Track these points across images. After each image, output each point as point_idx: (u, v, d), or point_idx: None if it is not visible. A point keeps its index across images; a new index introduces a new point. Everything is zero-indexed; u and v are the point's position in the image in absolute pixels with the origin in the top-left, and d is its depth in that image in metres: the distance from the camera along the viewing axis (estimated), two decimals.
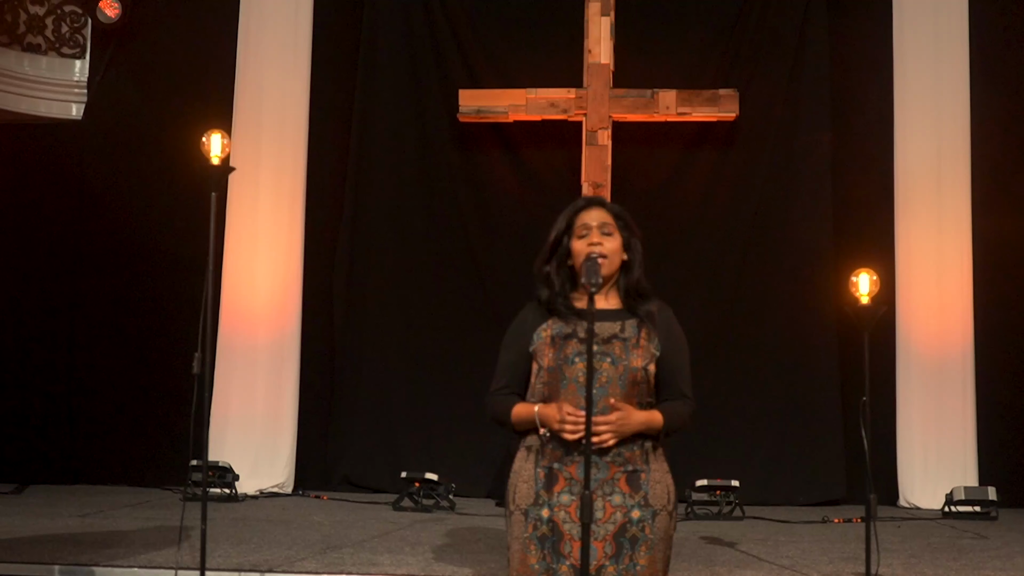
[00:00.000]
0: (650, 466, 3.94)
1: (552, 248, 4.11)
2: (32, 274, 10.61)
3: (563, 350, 3.94)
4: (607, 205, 4.10)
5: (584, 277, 3.83)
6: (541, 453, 3.96)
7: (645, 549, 3.87)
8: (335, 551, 6.11)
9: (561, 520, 3.87)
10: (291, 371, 9.72)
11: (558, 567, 3.85)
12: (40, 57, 10.88)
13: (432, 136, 10.34)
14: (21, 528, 6.90)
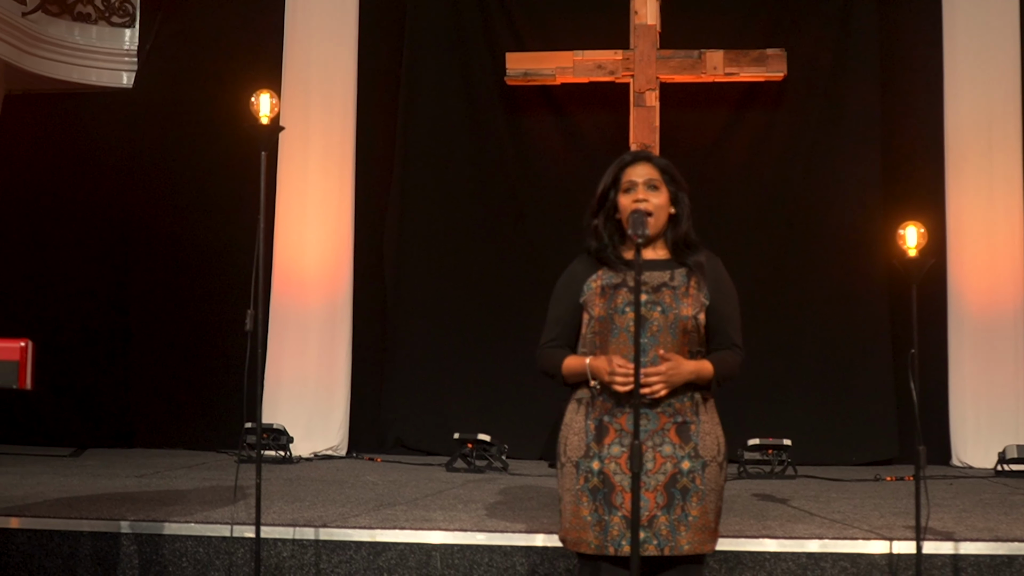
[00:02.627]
0: (700, 417, 3.96)
1: (599, 201, 4.13)
2: (84, 240, 10.75)
3: (613, 299, 3.97)
4: (653, 159, 4.11)
5: (630, 229, 3.86)
6: (592, 405, 3.99)
7: (696, 499, 3.89)
8: (388, 508, 6.17)
9: (612, 471, 3.90)
10: (343, 334, 9.78)
11: (610, 518, 3.88)
12: (90, 26, 10.98)
13: (479, 99, 10.35)
14: (80, 488, 7.01)
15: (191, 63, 10.72)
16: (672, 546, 3.87)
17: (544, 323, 4.22)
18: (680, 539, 3.87)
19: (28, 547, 5.53)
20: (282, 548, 5.34)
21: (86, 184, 10.79)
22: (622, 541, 3.86)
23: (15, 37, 10.16)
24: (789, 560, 5.33)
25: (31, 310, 10.45)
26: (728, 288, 4.08)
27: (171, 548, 5.42)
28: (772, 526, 5.77)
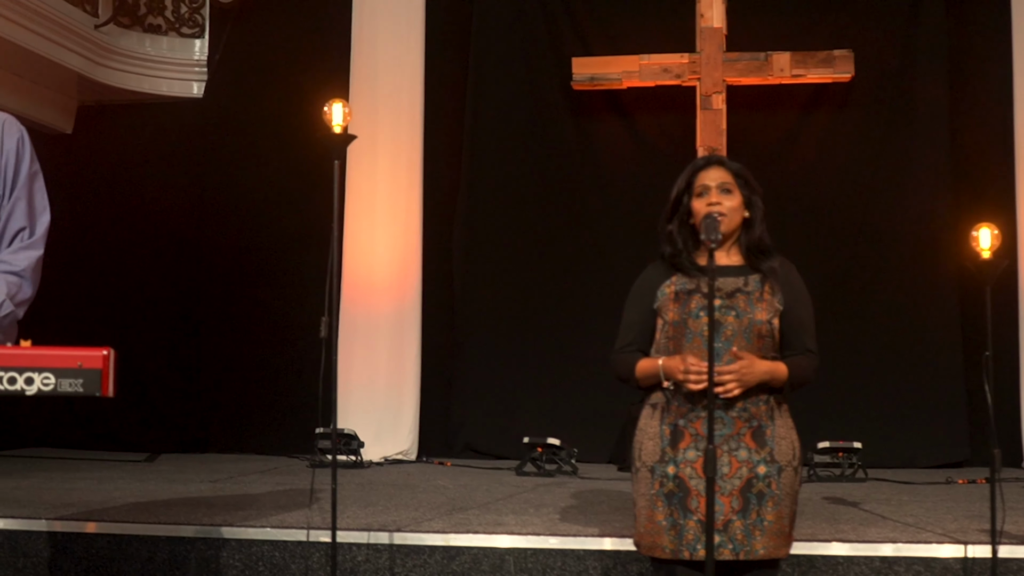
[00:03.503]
0: (775, 422, 3.96)
1: (673, 207, 4.14)
2: (157, 249, 10.89)
3: (687, 305, 3.98)
4: (727, 163, 4.12)
5: (704, 234, 3.87)
6: (666, 410, 4.00)
7: (772, 504, 3.90)
8: (461, 512, 6.21)
9: (687, 476, 3.91)
10: (412, 339, 9.82)
11: (685, 522, 3.89)
12: (161, 37, 11.13)
13: (545, 104, 10.36)
14: (156, 493, 7.12)
15: (260, 72, 10.83)
16: (747, 551, 3.87)
17: (617, 328, 4.23)
18: (755, 543, 3.88)
19: (108, 551, 5.61)
20: (357, 552, 5.39)
21: (158, 193, 10.93)
22: (697, 545, 3.87)
23: (88, 49, 10.31)
24: (862, 564, 5.31)
25: (106, 318, 10.60)
26: (802, 293, 4.09)
27: (247, 552, 5.48)
28: (845, 530, 5.76)
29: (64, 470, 8.64)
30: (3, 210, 3.89)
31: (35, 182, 3.99)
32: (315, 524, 5.55)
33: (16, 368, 3.21)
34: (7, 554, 5.67)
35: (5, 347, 3.30)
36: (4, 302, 3.77)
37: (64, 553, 5.66)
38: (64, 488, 7.29)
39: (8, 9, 9.06)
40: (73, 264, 10.17)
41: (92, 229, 10.60)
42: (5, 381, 3.20)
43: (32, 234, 3.93)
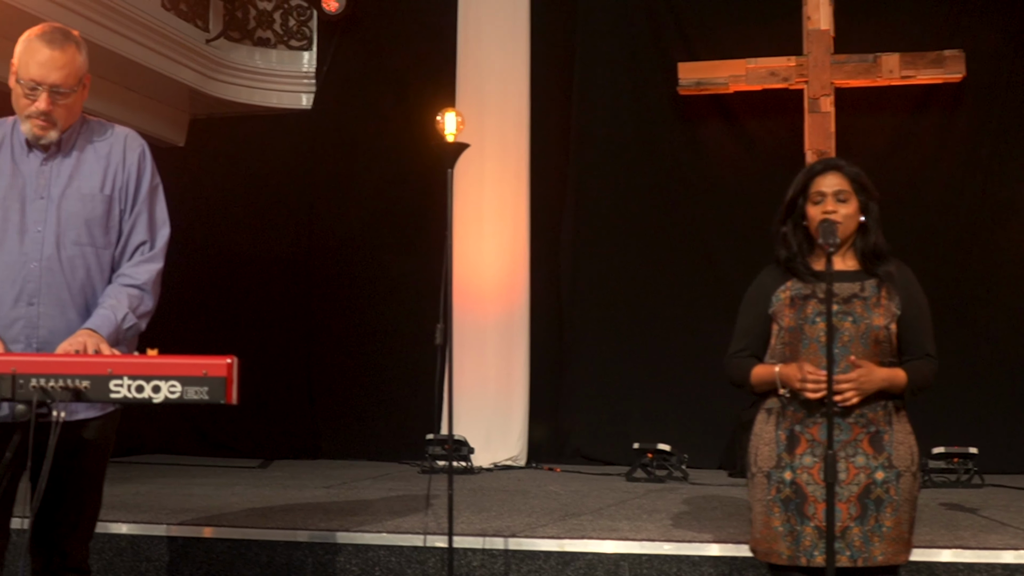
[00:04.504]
0: (893, 427, 3.93)
1: (787, 209, 4.12)
2: (268, 258, 11.05)
3: (803, 310, 3.96)
4: (844, 168, 4.08)
5: (821, 238, 3.85)
6: (782, 415, 3.99)
7: (891, 511, 3.87)
8: (574, 518, 6.22)
9: (804, 482, 3.89)
10: (521, 345, 9.84)
11: (802, 529, 3.87)
12: (270, 50, 11.31)
13: (651, 109, 10.33)
14: (271, 498, 7.21)
15: (367, 83, 10.94)
16: (865, 557, 3.85)
17: (727, 332, 4.22)
18: (874, 550, 3.85)
19: (227, 555, 5.71)
20: (472, 558, 5.42)
21: (268, 204, 11.11)
22: (814, 552, 3.85)
23: (199, 64, 10.50)
24: (983, 572, 5.22)
25: (219, 327, 10.78)
26: (920, 297, 4.04)
27: (363, 557, 5.54)
28: (964, 536, 5.67)
29: (181, 476, 8.79)
30: (125, 223, 3.98)
31: (156, 196, 4.08)
32: (431, 529, 5.59)
33: (144, 377, 3.29)
34: (130, 558, 5.79)
35: (133, 356, 3.38)
36: (127, 315, 3.86)
37: (185, 557, 5.76)
38: (182, 494, 7.42)
39: (124, 27, 9.27)
40: (186, 275, 10.34)
41: (205, 240, 10.78)
42: (133, 389, 3.29)
43: (152, 247, 4.02)
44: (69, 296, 3.86)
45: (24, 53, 3.83)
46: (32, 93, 3.82)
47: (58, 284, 3.85)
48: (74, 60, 3.84)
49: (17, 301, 3.82)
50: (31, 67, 3.80)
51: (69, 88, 3.84)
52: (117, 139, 4.04)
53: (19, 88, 3.85)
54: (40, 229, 3.85)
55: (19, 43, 3.87)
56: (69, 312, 3.86)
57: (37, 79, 3.79)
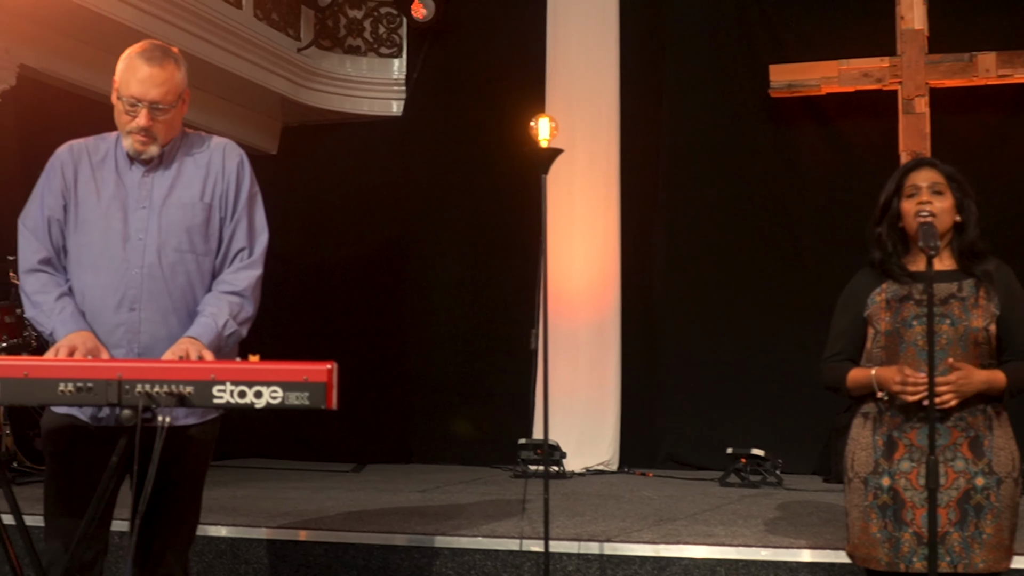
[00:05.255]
0: (993, 432, 3.88)
1: (882, 210, 4.09)
2: (360, 264, 11.15)
3: (900, 313, 3.92)
4: (939, 166, 4.06)
5: (922, 241, 3.81)
6: (879, 420, 3.95)
7: (991, 517, 3.82)
8: (669, 523, 6.20)
9: (902, 487, 3.86)
10: (612, 350, 9.82)
11: (900, 535, 3.84)
12: (360, 58, 11.41)
13: (742, 112, 10.26)
14: (367, 502, 7.26)
15: (456, 89, 11.00)
16: (966, 563, 3.81)
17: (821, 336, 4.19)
18: (974, 557, 3.81)
19: (324, 559, 5.76)
20: (567, 562, 5.43)
21: (360, 210, 11.20)
22: (913, 558, 3.82)
23: (291, 72, 10.63)
24: None
25: (313, 332, 10.92)
26: (1020, 297, 3.98)
27: (459, 561, 5.57)
28: None
29: (277, 480, 8.89)
30: (225, 231, 4.05)
31: (254, 204, 4.14)
32: (526, 534, 5.61)
33: (246, 382, 3.34)
34: (229, 561, 5.87)
35: (235, 362, 3.43)
36: (228, 321, 3.92)
37: (282, 560, 5.83)
38: (279, 497, 7.50)
39: (218, 37, 9.41)
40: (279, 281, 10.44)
41: (298, 247, 10.88)
42: (236, 395, 3.33)
43: (252, 254, 4.08)
44: (170, 302, 3.93)
45: (125, 71, 3.91)
46: (132, 110, 3.89)
47: (159, 290, 3.91)
48: (173, 77, 3.92)
49: (119, 307, 3.89)
50: (131, 84, 3.87)
51: (168, 104, 3.91)
52: (216, 150, 4.11)
53: (120, 104, 3.93)
54: (142, 237, 3.93)
55: (120, 61, 3.94)
56: (170, 318, 3.92)
57: (137, 96, 3.87)
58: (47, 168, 4.06)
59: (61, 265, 4.01)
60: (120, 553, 5.50)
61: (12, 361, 3.45)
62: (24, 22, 8.23)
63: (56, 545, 3.89)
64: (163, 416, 3.33)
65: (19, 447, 8.80)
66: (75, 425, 3.89)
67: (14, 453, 8.72)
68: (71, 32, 8.58)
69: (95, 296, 3.91)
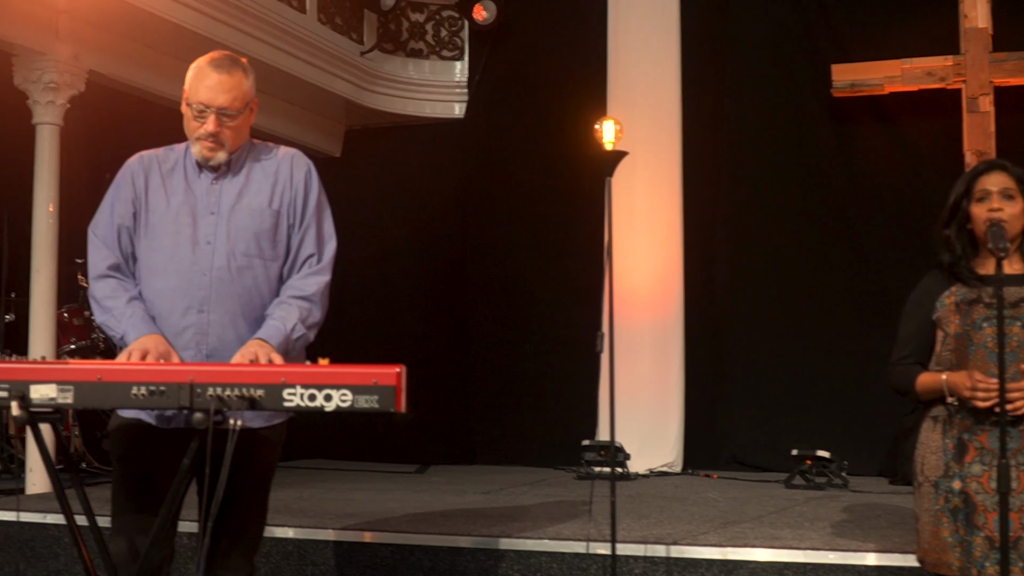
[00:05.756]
0: None
1: (951, 211, 4.06)
2: (424, 266, 11.20)
3: (969, 315, 3.89)
4: (1009, 168, 4.02)
5: (991, 243, 3.78)
6: (949, 423, 3.92)
7: None
8: (735, 526, 6.18)
9: (973, 491, 3.83)
10: (675, 352, 9.78)
11: (972, 539, 3.81)
12: (423, 61, 11.46)
13: (804, 112, 10.19)
14: (431, 504, 7.30)
15: (518, 91, 11.01)
16: None
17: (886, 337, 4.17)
18: None
19: (391, 560, 5.79)
20: (634, 565, 5.42)
21: (423, 212, 11.24)
22: (985, 563, 3.79)
23: (354, 75, 10.69)
24: None
25: (377, 335, 10.97)
26: None
27: (525, 564, 5.57)
28: None
29: (342, 481, 8.94)
30: (294, 238, 4.09)
31: (322, 211, 4.19)
32: (592, 536, 5.61)
33: (316, 386, 3.36)
34: (296, 562, 5.92)
35: (305, 365, 3.46)
36: (296, 325, 3.95)
37: (349, 562, 5.86)
38: (345, 499, 7.54)
39: (282, 41, 9.49)
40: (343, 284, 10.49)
41: (361, 249, 10.92)
42: (306, 398, 3.36)
43: (320, 260, 4.12)
44: (238, 305, 3.97)
45: (194, 78, 3.98)
46: (201, 116, 3.95)
47: (228, 293, 3.96)
48: (241, 84, 3.97)
49: (188, 309, 3.94)
50: (200, 91, 3.94)
51: (236, 111, 3.96)
52: (284, 158, 4.16)
53: (189, 111, 3.99)
54: (211, 242, 3.97)
55: (190, 69, 4.01)
56: (238, 321, 3.97)
57: (205, 102, 3.92)
58: (118, 178, 4.13)
59: (130, 271, 4.06)
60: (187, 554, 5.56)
61: (86, 365, 3.49)
62: (92, 29, 8.33)
63: (123, 546, 3.93)
64: (234, 419, 3.37)
65: (87, 448, 8.92)
66: (142, 427, 3.94)
67: (82, 454, 8.84)
68: (138, 38, 8.67)
69: (164, 300, 3.96)
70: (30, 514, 6.41)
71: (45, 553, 6.33)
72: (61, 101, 8.09)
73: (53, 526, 6.32)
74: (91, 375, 3.42)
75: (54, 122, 8.07)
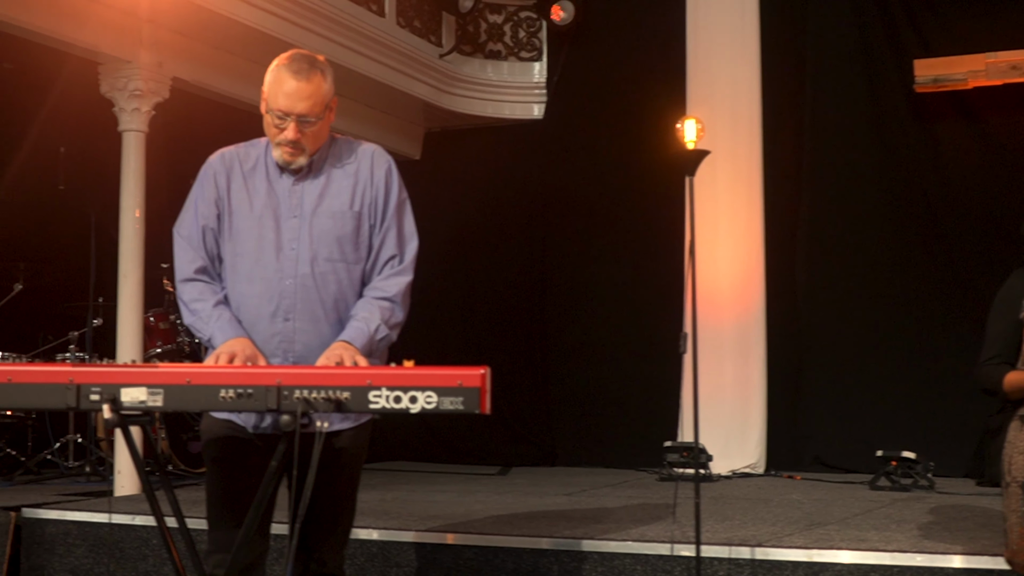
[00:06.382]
0: None
1: None
2: (503, 267, 11.25)
3: None
4: None
5: None
6: None
7: None
8: (820, 527, 6.12)
9: None
10: (757, 352, 9.73)
11: None
12: (501, 63, 11.50)
13: (886, 108, 10.07)
14: (514, 505, 7.30)
15: (597, 91, 11.01)
16: None
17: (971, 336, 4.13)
18: None
19: (474, 562, 5.80)
20: (718, 567, 5.39)
21: (502, 214, 11.29)
22: None
23: (433, 78, 10.74)
24: None
25: (457, 336, 11.03)
26: None
27: (609, 566, 5.56)
28: None
29: (423, 483, 8.98)
30: (375, 239, 4.09)
31: (403, 210, 4.18)
32: (676, 538, 5.58)
33: (401, 388, 3.38)
34: (380, 563, 5.95)
35: (390, 367, 3.48)
36: (379, 326, 3.97)
37: (432, 563, 5.88)
38: (427, 500, 7.58)
39: (362, 45, 9.56)
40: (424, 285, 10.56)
41: (441, 251, 10.97)
42: (391, 400, 3.38)
43: (402, 261, 4.12)
44: (323, 311, 3.99)
45: (272, 83, 3.97)
46: (281, 123, 3.95)
47: (312, 300, 3.98)
48: (319, 89, 3.96)
49: (274, 317, 3.97)
50: (279, 98, 3.93)
51: (315, 116, 3.96)
52: (364, 156, 4.15)
53: (269, 117, 3.99)
54: (294, 247, 3.99)
55: (268, 72, 4.00)
56: (322, 327, 3.99)
57: (284, 109, 3.92)
58: (200, 177, 4.15)
59: (216, 273, 4.09)
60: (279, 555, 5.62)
61: (175, 368, 3.53)
62: (175, 36, 8.44)
63: (217, 546, 3.99)
64: (320, 421, 3.39)
65: (173, 451, 9.03)
66: (234, 431, 3.98)
67: (169, 456, 8.95)
68: (220, 44, 8.78)
69: (251, 306, 3.99)
70: (120, 516, 6.50)
71: (134, 554, 6.42)
72: (146, 108, 8.22)
73: (142, 527, 6.41)
74: (180, 378, 3.46)
75: (139, 129, 8.20)
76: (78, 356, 9.10)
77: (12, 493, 7.80)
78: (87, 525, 6.60)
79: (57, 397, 3.50)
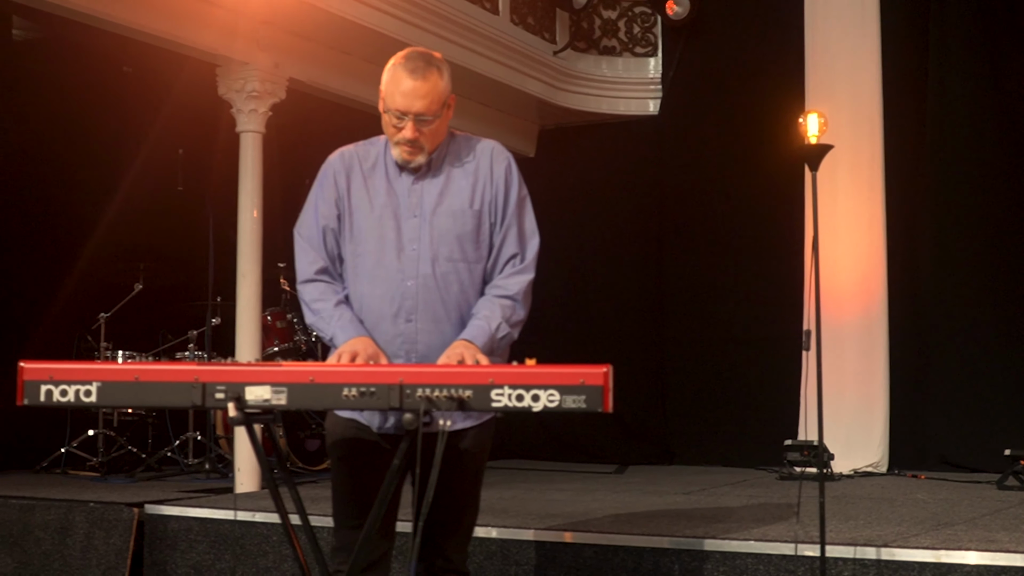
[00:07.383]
0: None
1: None
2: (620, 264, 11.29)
3: None
4: None
5: None
6: None
7: None
8: (947, 528, 5.98)
9: None
10: (879, 349, 9.54)
11: None
12: (616, 59, 11.48)
13: (1013, 101, 9.81)
14: (632, 504, 7.26)
15: (713, 86, 10.94)
16: None
17: None
18: None
19: (594, 561, 5.77)
20: (843, 567, 5.29)
21: (618, 210, 11.27)
22: None
23: (547, 75, 10.74)
24: None
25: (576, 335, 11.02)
26: None
27: (731, 565, 5.49)
28: None
29: (541, 481, 8.96)
30: (496, 237, 4.08)
31: (524, 208, 4.17)
32: (799, 538, 5.50)
33: (524, 386, 3.36)
34: (499, 562, 5.94)
35: (512, 366, 3.46)
36: (500, 324, 3.95)
37: (552, 562, 5.86)
38: (546, 499, 7.57)
39: (476, 44, 9.60)
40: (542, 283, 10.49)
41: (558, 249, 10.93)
42: (513, 398, 3.36)
43: (523, 259, 4.11)
44: (444, 312, 3.99)
45: (389, 83, 3.96)
46: (399, 122, 3.94)
47: (434, 300, 3.98)
48: (436, 87, 3.93)
49: (396, 318, 3.97)
50: (396, 97, 3.92)
51: (433, 115, 3.94)
52: (483, 153, 4.13)
53: (387, 116, 3.98)
54: (415, 247, 3.99)
55: (385, 71, 3.99)
56: (444, 327, 3.98)
57: (402, 109, 3.91)
58: (319, 176, 4.16)
59: (337, 273, 4.11)
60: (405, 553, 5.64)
61: (298, 367, 3.55)
62: (292, 37, 8.53)
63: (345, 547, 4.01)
64: (443, 420, 3.38)
65: (291, 449, 9.13)
66: (359, 430, 4.00)
67: (287, 454, 9.05)
68: (335, 44, 8.86)
69: (372, 306, 4.00)
70: (243, 512, 6.58)
71: (255, 551, 6.49)
72: (263, 109, 8.31)
73: (262, 524, 6.48)
74: (304, 376, 3.48)
75: (257, 130, 8.29)
76: (197, 355, 9.23)
77: (135, 490, 7.94)
78: (209, 521, 6.70)
79: (183, 396, 3.54)
